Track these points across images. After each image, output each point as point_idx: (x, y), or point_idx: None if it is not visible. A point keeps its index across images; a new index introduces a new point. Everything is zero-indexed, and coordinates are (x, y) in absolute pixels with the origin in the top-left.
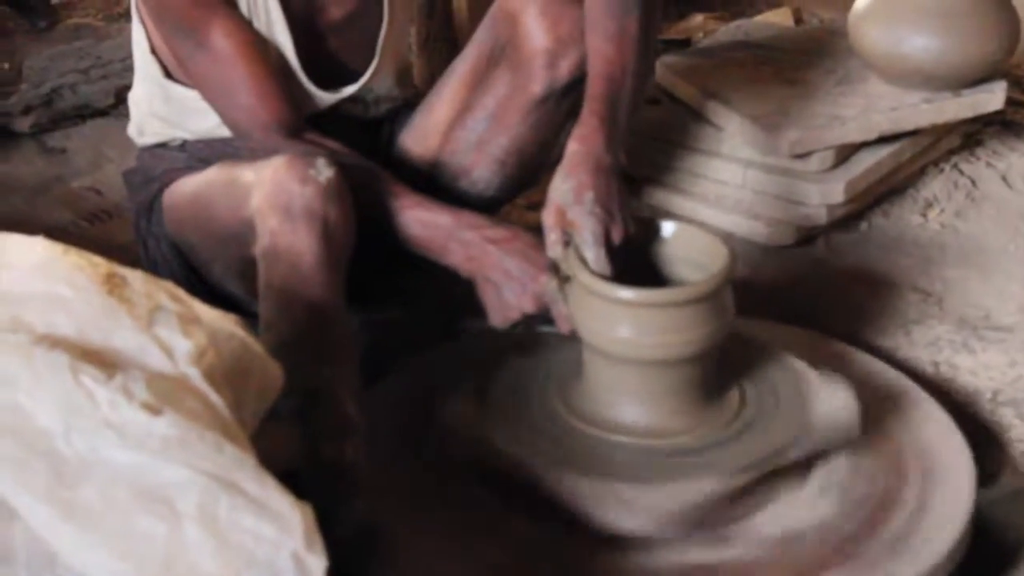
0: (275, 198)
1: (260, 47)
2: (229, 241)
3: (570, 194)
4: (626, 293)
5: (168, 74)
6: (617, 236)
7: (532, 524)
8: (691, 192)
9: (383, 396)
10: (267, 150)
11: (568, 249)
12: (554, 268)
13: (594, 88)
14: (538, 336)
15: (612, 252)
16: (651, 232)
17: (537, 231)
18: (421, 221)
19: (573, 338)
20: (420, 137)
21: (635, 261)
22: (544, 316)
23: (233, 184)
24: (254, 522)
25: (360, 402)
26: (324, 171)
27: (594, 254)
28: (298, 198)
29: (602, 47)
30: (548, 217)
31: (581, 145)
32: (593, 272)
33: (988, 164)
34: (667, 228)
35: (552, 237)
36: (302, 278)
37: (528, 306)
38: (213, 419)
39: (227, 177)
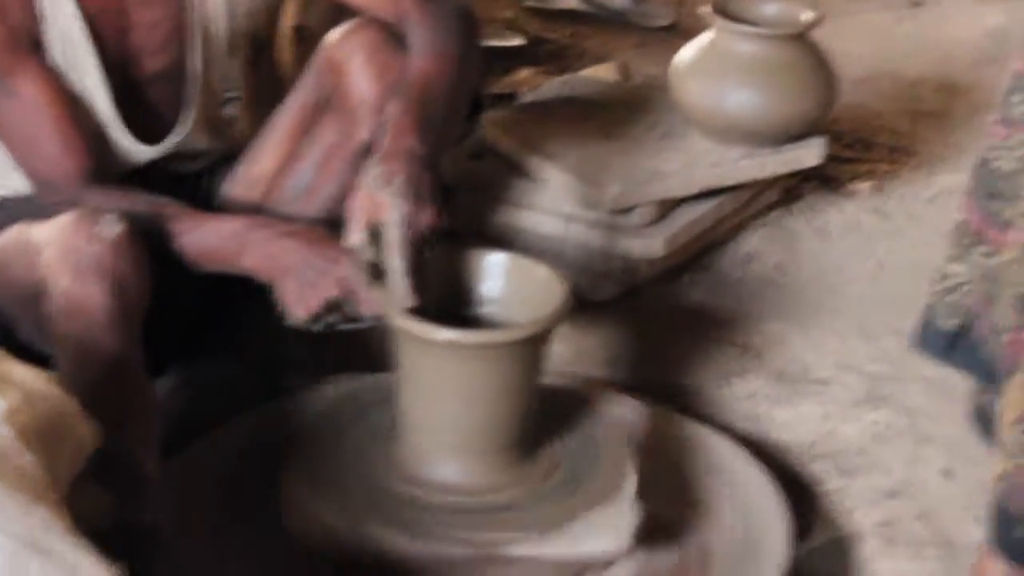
0: (64, 257)
1: (70, 97)
2: (28, 301)
3: (380, 179)
4: (446, 334)
5: None
6: (426, 220)
7: None
8: (513, 245)
9: (202, 458)
10: (67, 202)
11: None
12: (355, 255)
13: (409, 93)
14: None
15: (422, 253)
16: (476, 258)
17: None
18: (214, 231)
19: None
20: (244, 187)
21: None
22: (347, 314)
23: (26, 244)
24: None
25: (160, 461)
26: (113, 227)
27: (399, 235)
28: (86, 256)
29: (420, 64)
30: (353, 202)
31: (393, 137)
32: (407, 314)
33: (807, 219)
34: (494, 256)
35: (354, 223)
36: (95, 336)
37: (331, 290)
38: (23, 480)
39: (20, 237)
